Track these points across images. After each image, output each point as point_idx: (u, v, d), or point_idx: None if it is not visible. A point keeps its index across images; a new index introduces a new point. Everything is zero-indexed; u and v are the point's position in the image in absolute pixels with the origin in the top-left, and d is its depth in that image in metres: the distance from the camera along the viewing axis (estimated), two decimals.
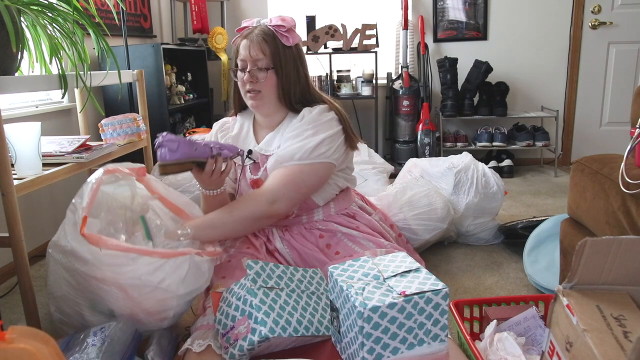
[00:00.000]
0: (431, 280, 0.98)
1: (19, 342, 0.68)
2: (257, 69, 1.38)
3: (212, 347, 1.13)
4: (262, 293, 1.09)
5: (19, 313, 1.71)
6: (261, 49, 1.37)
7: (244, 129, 1.53)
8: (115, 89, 2.67)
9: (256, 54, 1.37)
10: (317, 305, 1.16)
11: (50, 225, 2.30)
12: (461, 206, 2.16)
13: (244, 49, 1.39)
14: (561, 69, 3.73)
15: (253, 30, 1.40)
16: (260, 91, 1.40)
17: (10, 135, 1.41)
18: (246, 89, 1.41)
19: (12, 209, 1.33)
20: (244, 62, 1.40)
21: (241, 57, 1.40)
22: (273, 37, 1.39)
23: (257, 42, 1.37)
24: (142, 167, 1.41)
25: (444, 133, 3.75)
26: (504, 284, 1.85)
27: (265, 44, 1.38)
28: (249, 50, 1.38)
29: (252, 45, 1.37)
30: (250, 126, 1.53)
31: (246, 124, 1.53)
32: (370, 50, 3.53)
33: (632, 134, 1.28)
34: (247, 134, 1.52)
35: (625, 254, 0.85)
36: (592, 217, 1.41)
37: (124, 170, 1.37)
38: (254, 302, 1.07)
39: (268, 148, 1.46)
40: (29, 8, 1.38)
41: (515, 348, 1.13)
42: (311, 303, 1.16)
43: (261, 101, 1.42)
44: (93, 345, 1.09)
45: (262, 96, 1.41)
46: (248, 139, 1.51)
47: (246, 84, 1.40)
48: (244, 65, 1.40)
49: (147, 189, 1.42)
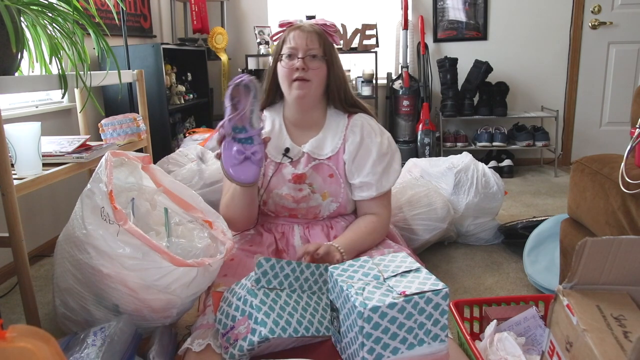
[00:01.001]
0: (431, 280, 0.98)
1: (20, 341, 0.68)
2: (310, 57, 1.38)
3: (212, 346, 1.13)
4: (262, 294, 1.09)
5: (19, 313, 1.71)
6: (315, 39, 1.38)
7: (276, 126, 1.48)
8: (115, 89, 2.67)
9: (311, 42, 1.37)
10: (318, 306, 1.16)
11: (50, 225, 2.30)
12: (461, 206, 2.16)
13: (296, 37, 1.38)
14: (561, 69, 3.73)
15: (303, 23, 1.41)
16: (310, 80, 1.38)
17: (10, 135, 1.41)
18: (295, 76, 1.38)
19: (12, 209, 1.33)
20: (295, 49, 1.38)
21: (291, 45, 1.38)
22: (323, 33, 1.41)
23: (311, 32, 1.38)
24: (148, 155, 1.42)
25: (444, 133, 3.75)
26: (504, 284, 1.85)
27: (319, 36, 1.39)
28: (303, 39, 1.37)
29: (307, 34, 1.38)
30: (282, 123, 1.49)
31: (277, 121, 1.49)
32: (370, 50, 3.53)
33: (632, 134, 1.28)
34: (280, 130, 1.48)
35: (625, 254, 0.85)
36: (592, 217, 1.41)
37: (130, 156, 1.38)
38: (254, 302, 1.07)
39: (320, 152, 1.44)
40: (29, 8, 1.38)
41: (515, 348, 1.13)
42: (311, 303, 1.15)
43: (308, 90, 1.39)
44: (93, 345, 1.09)
45: (310, 85, 1.39)
46: (282, 136, 1.47)
47: (295, 71, 1.37)
48: (293, 53, 1.38)
49: (152, 180, 1.43)
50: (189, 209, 1.43)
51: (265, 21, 3.88)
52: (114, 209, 1.17)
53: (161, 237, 1.35)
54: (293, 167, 1.45)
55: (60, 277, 1.29)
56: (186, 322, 1.49)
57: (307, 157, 1.44)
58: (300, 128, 1.48)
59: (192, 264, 1.18)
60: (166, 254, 1.16)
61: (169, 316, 1.27)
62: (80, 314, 1.29)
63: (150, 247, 1.15)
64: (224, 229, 1.39)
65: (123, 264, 1.16)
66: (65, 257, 1.27)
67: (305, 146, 1.45)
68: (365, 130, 1.46)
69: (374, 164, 1.43)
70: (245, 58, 3.68)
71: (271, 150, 1.45)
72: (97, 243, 1.17)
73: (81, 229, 1.21)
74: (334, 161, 1.45)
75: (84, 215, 1.21)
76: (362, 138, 1.45)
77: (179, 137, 3.16)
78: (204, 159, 2.25)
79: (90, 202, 1.22)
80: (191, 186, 2.06)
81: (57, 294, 1.32)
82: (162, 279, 1.17)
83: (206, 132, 2.96)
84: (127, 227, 1.15)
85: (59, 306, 1.32)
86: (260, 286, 1.09)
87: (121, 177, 1.40)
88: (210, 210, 1.45)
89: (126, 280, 1.17)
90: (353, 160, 1.45)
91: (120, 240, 1.16)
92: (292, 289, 1.14)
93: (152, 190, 1.45)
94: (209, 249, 1.35)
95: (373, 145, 1.44)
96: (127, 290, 1.19)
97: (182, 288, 1.21)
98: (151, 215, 1.42)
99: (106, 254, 1.17)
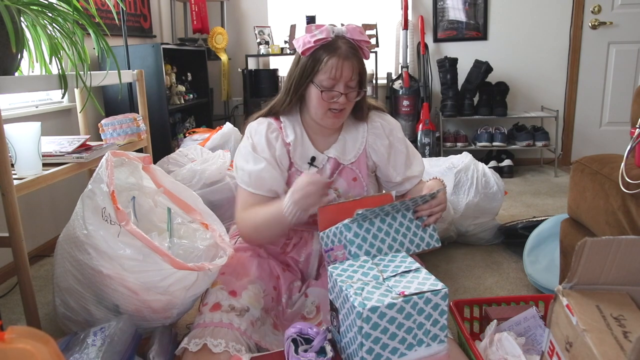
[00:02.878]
0: (430, 280, 0.98)
1: (19, 342, 0.68)
2: (349, 89, 1.33)
3: (208, 345, 1.13)
4: (356, 226, 1.17)
5: (19, 313, 1.71)
6: (354, 68, 1.32)
7: (298, 134, 1.43)
8: (115, 89, 2.67)
9: (350, 72, 1.31)
10: (410, 224, 1.24)
11: (50, 225, 2.30)
12: (461, 206, 2.16)
13: (337, 68, 1.30)
14: (561, 69, 3.73)
15: (339, 45, 1.31)
16: (345, 109, 1.36)
17: (10, 135, 1.41)
18: (333, 107, 1.34)
19: (12, 209, 1.33)
20: (335, 80, 1.31)
21: (331, 76, 1.30)
22: (359, 54, 1.34)
23: (350, 60, 1.31)
24: (148, 155, 1.42)
25: (444, 133, 3.75)
26: (504, 284, 1.85)
27: (357, 62, 1.32)
28: (346, 71, 1.30)
29: (346, 65, 1.30)
30: (303, 130, 1.44)
31: (297, 128, 1.44)
32: (370, 50, 3.53)
33: (632, 134, 1.28)
34: (302, 139, 1.43)
35: (625, 254, 0.85)
36: (592, 217, 1.41)
37: (130, 156, 1.38)
38: (348, 236, 1.16)
39: (344, 157, 1.43)
40: (29, 8, 1.38)
41: (515, 348, 1.13)
42: (404, 222, 1.23)
43: (343, 118, 1.39)
44: (93, 345, 1.09)
45: (344, 113, 1.37)
46: (305, 145, 1.43)
47: (335, 104, 1.33)
48: (333, 84, 1.32)
49: (152, 180, 1.43)
50: (188, 211, 1.43)
51: (265, 21, 3.88)
52: (116, 210, 1.17)
53: (163, 237, 1.35)
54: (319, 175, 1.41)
55: (61, 277, 1.29)
56: (186, 322, 1.50)
57: (333, 162, 1.42)
58: (320, 134, 1.45)
59: (193, 268, 1.18)
60: (167, 256, 1.16)
61: (169, 316, 1.27)
62: (81, 313, 1.29)
63: (151, 249, 1.15)
64: (221, 234, 1.39)
65: (123, 265, 1.16)
66: (65, 257, 1.27)
67: (330, 152, 1.43)
68: (386, 129, 1.47)
69: (407, 157, 1.48)
70: (245, 58, 3.68)
71: (297, 160, 1.41)
72: (98, 244, 1.17)
73: (82, 229, 1.21)
74: (356, 165, 1.44)
75: (84, 215, 1.21)
76: (387, 139, 1.46)
77: (179, 137, 3.16)
78: (204, 159, 2.25)
79: (92, 203, 1.22)
80: (191, 186, 2.06)
81: (58, 293, 1.32)
82: (163, 281, 1.17)
83: (206, 132, 2.96)
84: (129, 227, 1.15)
85: (59, 306, 1.32)
86: (353, 219, 1.16)
87: (121, 177, 1.40)
88: (208, 213, 1.44)
89: (126, 281, 1.17)
90: (387, 162, 1.46)
91: (121, 242, 1.16)
92: (385, 213, 1.20)
93: (153, 190, 1.45)
94: (210, 249, 1.35)
95: (399, 142, 1.48)
96: (127, 291, 1.19)
97: (181, 291, 1.21)
98: (154, 212, 1.42)
99: (107, 255, 1.17)
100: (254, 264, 1.35)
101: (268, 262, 1.39)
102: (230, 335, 1.16)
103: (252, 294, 1.28)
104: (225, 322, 1.19)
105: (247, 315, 1.22)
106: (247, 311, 1.23)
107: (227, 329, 1.17)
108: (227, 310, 1.22)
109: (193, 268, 1.18)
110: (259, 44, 3.68)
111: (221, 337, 1.15)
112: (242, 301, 1.24)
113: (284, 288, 1.36)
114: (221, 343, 1.14)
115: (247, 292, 1.27)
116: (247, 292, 1.27)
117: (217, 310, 1.22)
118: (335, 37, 1.31)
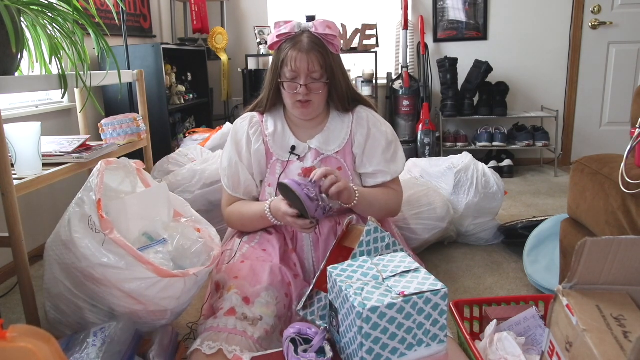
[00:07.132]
0: (430, 280, 0.98)
1: (20, 341, 0.69)
2: (311, 81, 1.39)
3: (224, 351, 1.13)
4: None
5: (19, 313, 1.71)
6: (316, 60, 1.37)
7: (279, 127, 1.51)
8: (115, 89, 2.67)
9: (312, 65, 1.37)
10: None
11: (50, 225, 2.28)
12: (461, 206, 2.16)
13: (297, 61, 1.37)
14: (561, 69, 3.73)
15: (301, 39, 1.38)
16: (311, 101, 1.42)
17: (10, 135, 1.41)
18: (297, 99, 1.41)
19: (12, 209, 1.33)
20: (296, 73, 1.38)
21: (292, 69, 1.38)
22: (324, 47, 1.39)
23: (310, 53, 1.36)
24: (138, 161, 1.43)
25: (444, 133, 3.75)
26: (504, 284, 1.85)
27: (319, 55, 1.37)
28: (304, 63, 1.36)
29: (306, 57, 1.36)
30: (285, 123, 1.52)
31: (279, 122, 1.52)
32: (370, 50, 3.53)
33: (632, 134, 1.28)
34: (283, 131, 1.51)
35: (625, 254, 0.85)
36: (592, 217, 1.41)
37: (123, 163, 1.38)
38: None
39: (327, 147, 1.49)
40: (29, 8, 1.38)
41: (515, 348, 1.13)
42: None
43: (311, 110, 1.44)
44: (93, 346, 1.09)
45: (311, 105, 1.43)
46: (286, 136, 1.50)
47: (298, 95, 1.40)
48: (295, 76, 1.39)
49: (143, 185, 1.43)
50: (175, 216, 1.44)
51: (265, 21, 3.88)
52: (101, 218, 1.17)
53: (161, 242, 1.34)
54: (301, 162, 1.49)
55: (51, 281, 1.27)
56: (186, 321, 1.50)
57: (314, 152, 1.49)
58: (303, 127, 1.52)
59: (177, 275, 1.18)
60: (150, 264, 1.15)
61: (163, 318, 1.27)
62: (74, 318, 1.28)
63: (134, 258, 1.15)
64: (211, 234, 1.40)
65: (105, 274, 1.16)
66: (55, 261, 1.26)
67: (312, 142, 1.49)
68: (370, 121, 1.51)
69: (384, 151, 1.50)
70: (245, 58, 3.68)
71: (277, 150, 1.49)
72: (84, 252, 1.16)
73: (67, 236, 1.20)
74: (341, 155, 1.49)
75: (71, 223, 1.21)
76: (369, 129, 1.50)
77: (179, 137, 3.16)
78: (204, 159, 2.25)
79: (80, 211, 1.22)
80: (191, 186, 2.06)
81: (48, 298, 1.30)
82: (150, 289, 1.17)
83: (206, 132, 2.96)
84: (113, 236, 1.15)
85: (50, 310, 1.31)
86: None
87: (116, 180, 1.40)
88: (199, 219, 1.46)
89: (117, 285, 1.17)
90: (363, 151, 1.50)
91: (105, 250, 1.16)
92: None
93: None
94: (205, 249, 1.35)
95: (380, 134, 1.51)
96: (119, 292, 1.19)
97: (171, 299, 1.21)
98: None
99: (92, 262, 1.16)
100: (266, 270, 1.34)
101: (280, 269, 1.38)
102: (244, 343, 1.16)
103: (265, 302, 1.27)
104: (240, 330, 1.19)
105: (261, 324, 1.22)
106: (260, 320, 1.23)
107: (241, 337, 1.17)
108: (240, 318, 1.22)
109: (177, 274, 1.18)
110: (259, 44, 3.68)
111: (236, 344, 1.15)
112: (254, 310, 1.24)
113: (294, 295, 1.35)
114: (236, 350, 1.14)
115: (259, 300, 1.27)
116: (259, 300, 1.27)
117: (231, 316, 1.22)
118: (301, 31, 1.40)
